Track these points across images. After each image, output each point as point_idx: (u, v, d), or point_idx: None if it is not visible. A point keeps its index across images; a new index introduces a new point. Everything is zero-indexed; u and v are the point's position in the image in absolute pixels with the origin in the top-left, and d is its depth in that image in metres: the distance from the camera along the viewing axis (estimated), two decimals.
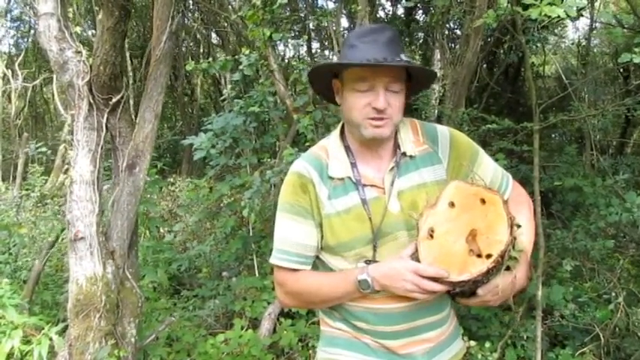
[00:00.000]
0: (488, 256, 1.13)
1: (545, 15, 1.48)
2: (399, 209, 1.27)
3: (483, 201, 1.17)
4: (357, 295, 1.26)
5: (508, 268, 1.18)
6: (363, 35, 1.25)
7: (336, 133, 1.37)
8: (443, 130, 1.37)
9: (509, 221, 1.14)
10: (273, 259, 1.34)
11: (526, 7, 1.61)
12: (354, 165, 1.31)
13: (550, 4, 1.48)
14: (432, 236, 1.17)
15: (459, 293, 1.20)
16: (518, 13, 1.56)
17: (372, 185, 1.29)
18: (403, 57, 1.21)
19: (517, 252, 1.19)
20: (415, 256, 1.19)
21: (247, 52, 3.61)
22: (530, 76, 2.77)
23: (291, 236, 1.31)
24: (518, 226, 1.16)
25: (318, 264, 1.39)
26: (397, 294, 1.21)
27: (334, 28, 4.39)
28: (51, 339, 2.54)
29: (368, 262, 1.27)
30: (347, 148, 1.33)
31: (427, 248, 1.17)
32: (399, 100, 1.25)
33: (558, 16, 1.56)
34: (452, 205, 1.19)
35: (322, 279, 1.32)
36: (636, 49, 1.71)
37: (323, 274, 1.34)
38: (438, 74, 6.48)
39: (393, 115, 1.24)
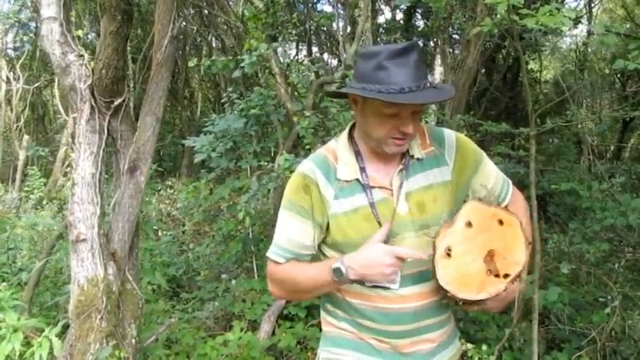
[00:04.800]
0: (506, 275, 1.17)
1: (542, 24, 1.50)
2: (406, 211, 1.30)
3: (501, 222, 1.20)
4: (334, 285, 1.29)
5: None
6: (393, 56, 1.22)
7: (344, 136, 1.39)
8: (450, 134, 1.40)
9: (527, 242, 1.18)
10: (268, 252, 1.38)
11: (523, 15, 1.63)
12: (363, 169, 1.33)
13: (548, 12, 1.49)
14: (449, 255, 1.19)
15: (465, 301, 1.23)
16: (515, 22, 1.57)
17: (380, 187, 1.32)
18: (429, 80, 1.24)
19: None
20: (431, 274, 1.20)
21: (251, 49, 3.58)
22: (526, 81, 2.79)
23: (288, 233, 1.35)
24: (530, 243, 1.20)
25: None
26: (374, 280, 1.24)
27: (341, 33, 4.41)
28: (51, 341, 2.56)
29: None
30: (357, 153, 1.35)
31: (445, 267, 1.18)
32: (419, 118, 1.29)
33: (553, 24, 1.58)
34: (469, 224, 1.21)
35: (303, 268, 1.35)
36: (630, 56, 1.72)
37: (306, 265, 1.36)
38: (438, 79, 6.51)
39: (414, 133, 1.28)
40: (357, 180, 1.32)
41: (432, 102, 1.25)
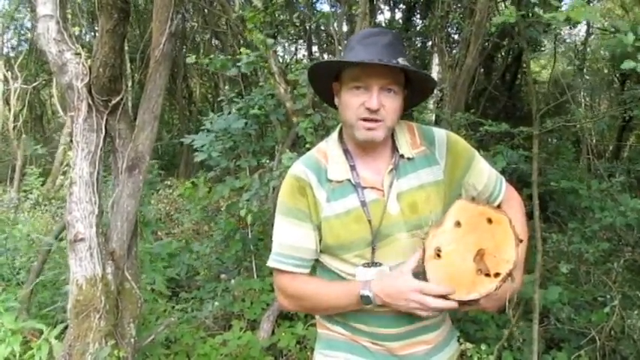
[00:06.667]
0: (497, 274, 1.15)
1: (568, 19, 1.48)
2: (398, 211, 1.28)
3: (490, 220, 1.19)
4: (357, 307, 1.27)
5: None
6: (363, 38, 1.26)
7: (334, 136, 1.38)
8: (440, 132, 1.38)
9: (516, 240, 1.16)
10: (270, 262, 1.35)
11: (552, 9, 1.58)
12: (353, 168, 1.31)
13: (575, 8, 1.46)
14: (439, 256, 1.18)
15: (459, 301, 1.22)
16: (540, 17, 1.54)
17: (371, 187, 1.30)
18: (400, 60, 1.21)
19: None
20: (422, 275, 1.19)
21: (248, 52, 3.60)
22: (530, 81, 2.79)
23: (289, 239, 1.32)
24: (521, 241, 1.19)
25: (317, 266, 1.39)
26: (394, 308, 1.22)
27: (336, 29, 4.39)
28: (50, 343, 2.54)
29: (367, 264, 1.28)
30: (346, 151, 1.34)
31: (435, 268, 1.18)
32: (394, 103, 1.25)
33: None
34: (458, 224, 1.20)
35: (323, 288, 1.32)
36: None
37: (323, 283, 1.34)
38: (436, 78, 6.51)
39: (386, 118, 1.24)
40: (349, 180, 1.30)
41: (384, 64, 1.19)
